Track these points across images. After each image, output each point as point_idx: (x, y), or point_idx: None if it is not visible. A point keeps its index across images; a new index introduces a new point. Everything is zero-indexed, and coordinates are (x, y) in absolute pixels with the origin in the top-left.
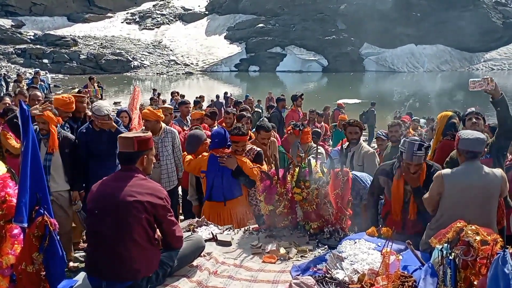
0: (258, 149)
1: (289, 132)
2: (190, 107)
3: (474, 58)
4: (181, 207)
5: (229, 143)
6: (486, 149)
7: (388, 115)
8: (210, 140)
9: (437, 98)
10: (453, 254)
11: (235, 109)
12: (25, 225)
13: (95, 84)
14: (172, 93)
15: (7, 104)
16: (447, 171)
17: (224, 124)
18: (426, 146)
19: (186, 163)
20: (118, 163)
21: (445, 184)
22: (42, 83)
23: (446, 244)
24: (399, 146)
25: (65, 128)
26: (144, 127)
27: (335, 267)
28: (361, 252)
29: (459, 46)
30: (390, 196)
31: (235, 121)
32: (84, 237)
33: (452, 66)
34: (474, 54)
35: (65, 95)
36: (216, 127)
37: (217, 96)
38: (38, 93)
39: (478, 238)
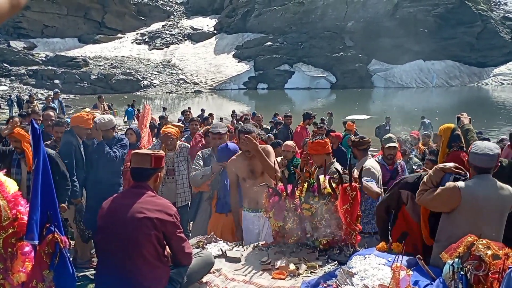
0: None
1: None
2: (196, 124)
3: (483, 73)
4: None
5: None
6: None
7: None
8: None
9: (447, 114)
10: (464, 269)
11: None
12: (36, 242)
13: (105, 104)
14: (183, 112)
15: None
16: (461, 183)
17: (235, 140)
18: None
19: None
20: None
21: (462, 197)
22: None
23: (457, 259)
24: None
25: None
26: (154, 145)
27: (345, 283)
28: (371, 268)
29: (468, 61)
30: (413, 213)
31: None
32: (94, 254)
33: (462, 81)
34: (483, 69)
35: (82, 112)
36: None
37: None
38: (51, 113)
39: (489, 252)
